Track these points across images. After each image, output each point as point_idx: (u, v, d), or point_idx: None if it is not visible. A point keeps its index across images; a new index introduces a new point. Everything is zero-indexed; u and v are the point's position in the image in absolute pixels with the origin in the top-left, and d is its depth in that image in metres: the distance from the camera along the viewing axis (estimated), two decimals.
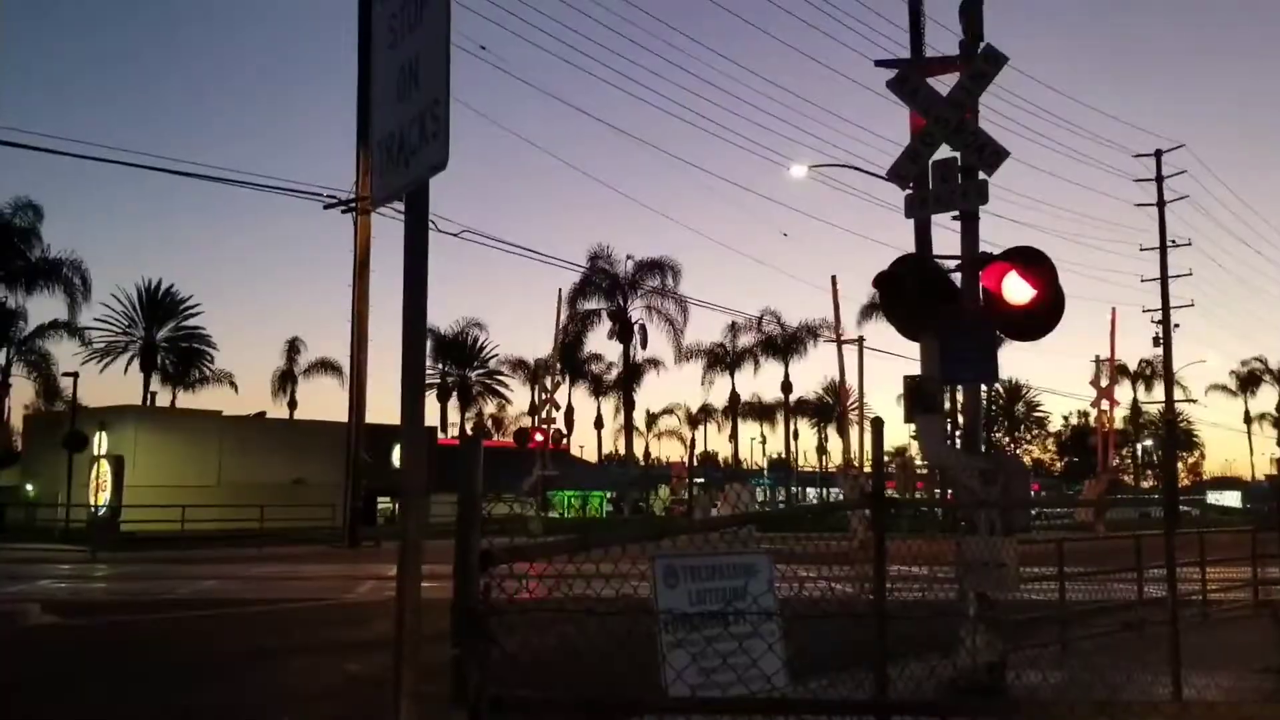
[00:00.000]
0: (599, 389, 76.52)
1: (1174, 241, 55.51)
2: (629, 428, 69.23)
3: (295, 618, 15.32)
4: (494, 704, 3.22)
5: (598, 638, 3.64)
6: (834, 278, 29.23)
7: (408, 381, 3.87)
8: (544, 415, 40.93)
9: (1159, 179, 55.09)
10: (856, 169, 51.15)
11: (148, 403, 55.22)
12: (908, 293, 9.00)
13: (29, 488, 45.79)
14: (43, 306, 55.66)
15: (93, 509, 35.35)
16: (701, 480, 64.20)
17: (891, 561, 5.26)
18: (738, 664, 3.79)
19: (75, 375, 43.04)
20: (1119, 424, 74.74)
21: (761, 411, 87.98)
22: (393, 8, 3.98)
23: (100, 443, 38.00)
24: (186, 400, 62.27)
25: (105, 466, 36.97)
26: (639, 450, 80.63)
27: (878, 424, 4.89)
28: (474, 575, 3.31)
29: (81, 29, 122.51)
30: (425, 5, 3.76)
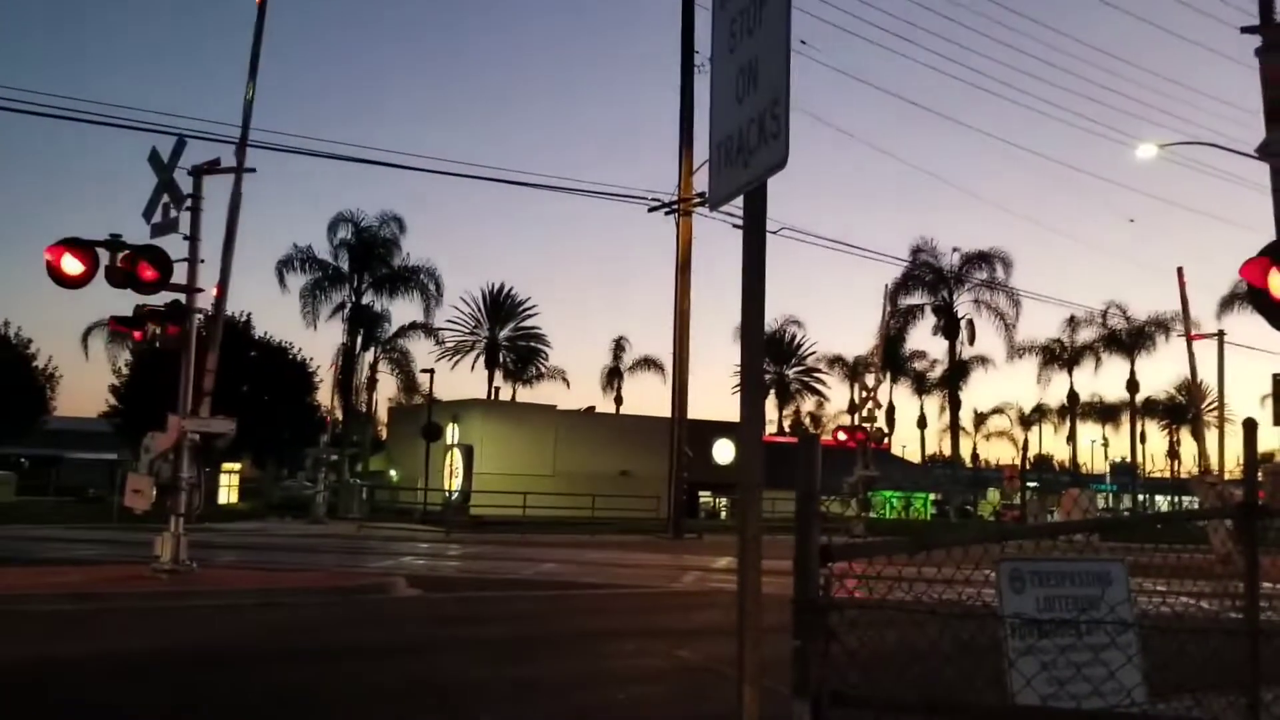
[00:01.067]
0: (922, 387, 74.46)
1: None
2: (955, 427, 66.90)
3: (625, 602, 16.01)
4: (835, 698, 3.24)
5: (938, 641, 3.57)
6: (1180, 269, 26.75)
7: (746, 381, 3.96)
8: (864, 413, 40.38)
9: None
10: (1215, 146, 46.67)
11: (492, 396, 59.47)
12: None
13: (393, 473, 50.53)
14: (402, 309, 61.51)
15: (447, 493, 38.56)
16: (1035, 484, 60.96)
17: (1264, 577, 4.79)
18: (1093, 675, 3.60)
19: (431, 371, 47.07)
20: None
21: (1103, 412, 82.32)
22: (732, 12, 4.08)
23: (453, 433, 41.34)
24: (524, 395, 66.39)
25: (457, 455, 40.22)
26: (965, 451, 77.71)
27: (1250, 425, 4.47)
28: (814, 569, 3.35)
29: (423, 51, 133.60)
30: (765, 6, 3.84)
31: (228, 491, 43.19)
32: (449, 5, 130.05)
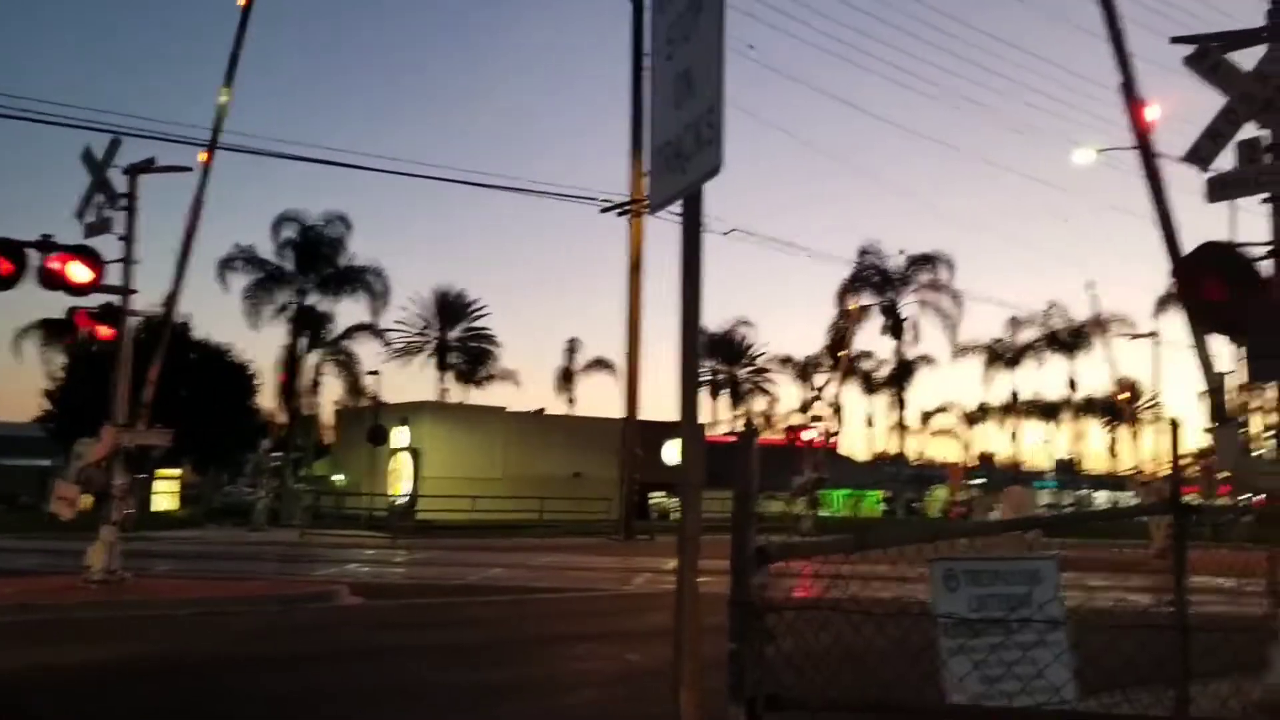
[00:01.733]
0: (869, 386, 75.15)
1: None
2: (901, 426, 67.68)
3: (576, 606, 15.99)
4: (770, 700, 3.27)
5: (874, 639, 3.62)
6: (1090, 284, 27.38)
7: (684, 380, 3.97)
8: (813, 412, 40.79)
9: None
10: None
11: (441, 399, 59.00)
12: (1209, 283, 8.33)
13: (338, 478, 49.96)
14: (349, 310, 61.00)
15: (393, 498, 38.18)
16: (980, 481, 61.78)
17: (1194, 570, 4.91)
18: (1023, 673, 3.67)
19: (378, 373, 46.73)
20: None
21: (1045, 410, 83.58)
22: (670, 18, 4.11)
23: (400, 436, 40.92)
24: (474, 397, 65.93)
25: (404, 458, 39.85)
26: (912, 449, 78.48)
27: (1174, 426, 4.58)
28: (750, 572, 3.37)
29: (370, 48, 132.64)
30: (700, 14, 3.86)
31: (167, 498, 42.39)
32: (399, 3, 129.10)
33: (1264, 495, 8.15)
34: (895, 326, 63.50)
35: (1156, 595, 5.44)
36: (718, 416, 74.39)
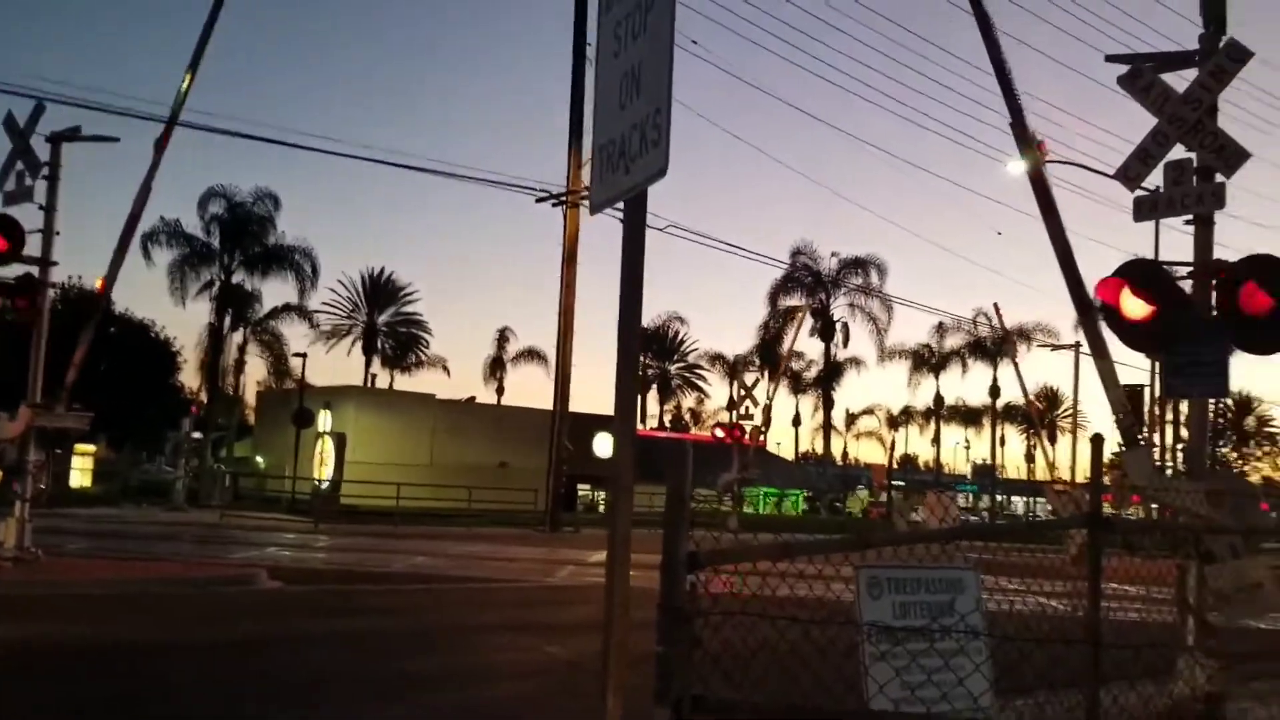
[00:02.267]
0: (798, 386, 75.92)
1: None
2: (827, 427, 68.52)
3: (499, 597, 15.92)
4: (696, 703, 3.28)
5: (800, 644, 3.65)
6: (995, 304, 28.17)
7: (621, 382, 3.96)
8: (743, 410, 41.05)
9: None
10: (1083, 167, 48.60)
11: (368, 384, 58.33)
12: (1132, 302, 8.55)
13: (260, 459, 49.16)
14: (276, 290, 59.80)
15: (316, 482, 37.69)
16: (901, 483, 62.78)
17: (1107, 578, 5.03)
18: (943, 681, 3.73)
19: (304, 355, 45.95)
20: None
21: (967, 416, 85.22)
22: (617, 16, 4.07)
23: (325, 420, 40.38)
24: (403, 383, 65.31)
25: (329, 443, 39.35)
26: (837, 450, 79.46)
27: (1097, 441, 4.69)
28: (681, 576, 3.38)
29: (307, 28, 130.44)
30: (650, 13, 3.83)
31: (80, 475, 41.31)
32: None
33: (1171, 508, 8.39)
34: (825, 328, 64.21)
35: (1072, 602, 5.57)
36: (647, 410, 74.62)
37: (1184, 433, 18.52)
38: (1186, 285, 8.80)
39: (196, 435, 42.03)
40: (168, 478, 40.32)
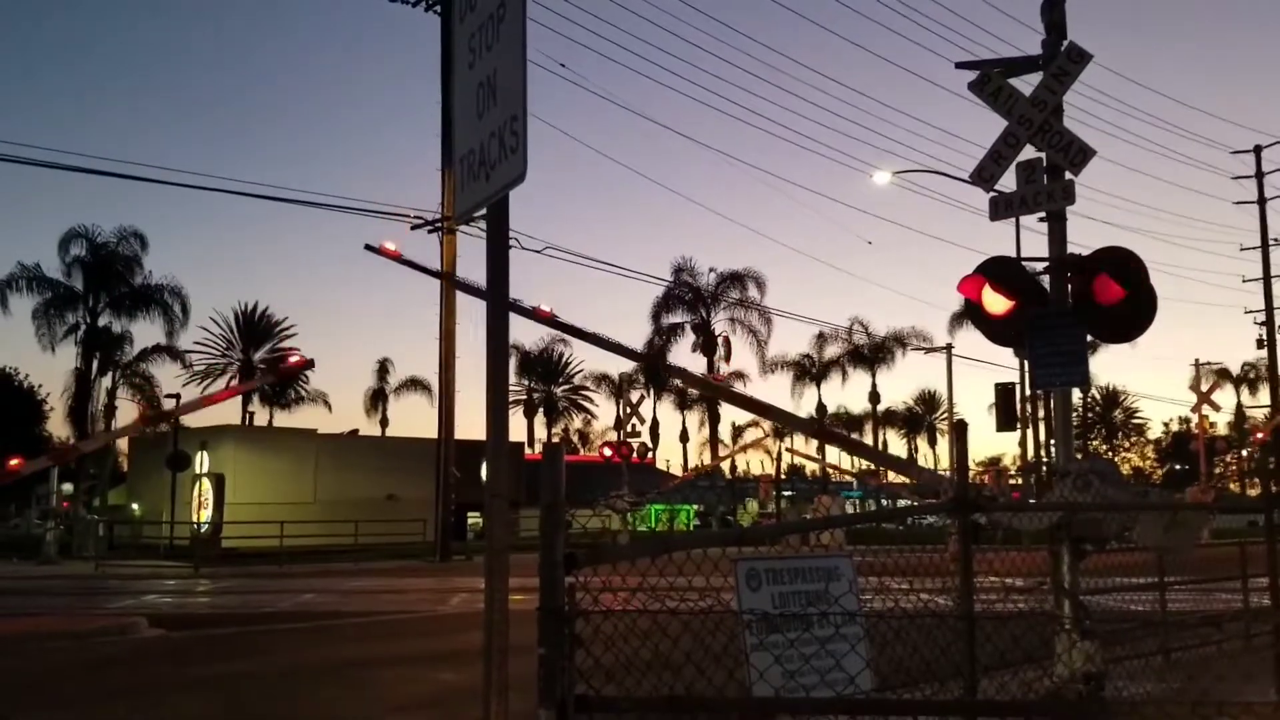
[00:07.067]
0: (684, 402, 76.47)
1: (1276, 240, 53.64)
2: (714, 441, 69.09)
3: (390, 630, 15.61)
4: (580, 702, 3.28)
5: (682, 640, 3.68)
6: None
7: (492, 392, 3.96)
8: (629, 429, 41.17)
9: (1259, 175, 53.28)
10: (941, 174, 50.42)
11: (246, 422, 56.68)
12: (993, 299, 8.86)
13: (135, 506, 47.32)
14: (145, 331, 57.61)
15: (195, 526, 36.44)
16: (790, 493, 63.72)
17: (987, 574, 5.19)
18: (820, 666, 3.81)
19: (177, 397, 44.37)
20: (1222, 430, 72.35)
21: (849, 423, 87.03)
22: (471, 28, 4.09)
23: (202, 462, 39.14)
24: (283, 420, 63.75)
25: (207, 485, 38.10)
26: (725, 463, 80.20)
27: (961, 427, 4.84)
28: (559, 577, 3.38)
29: (166, 61, 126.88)
30: (502, 23, 3.86)
31: None
32: (209, 11, 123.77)
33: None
34: (707, 343, 64.80)
35: (953, 596, 5.72)
36: (535, 435, 74.21)
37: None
38: (1046, 281, 9.17)
39: (66, 486, 40.21)
40: (38, 531, 38.46)
